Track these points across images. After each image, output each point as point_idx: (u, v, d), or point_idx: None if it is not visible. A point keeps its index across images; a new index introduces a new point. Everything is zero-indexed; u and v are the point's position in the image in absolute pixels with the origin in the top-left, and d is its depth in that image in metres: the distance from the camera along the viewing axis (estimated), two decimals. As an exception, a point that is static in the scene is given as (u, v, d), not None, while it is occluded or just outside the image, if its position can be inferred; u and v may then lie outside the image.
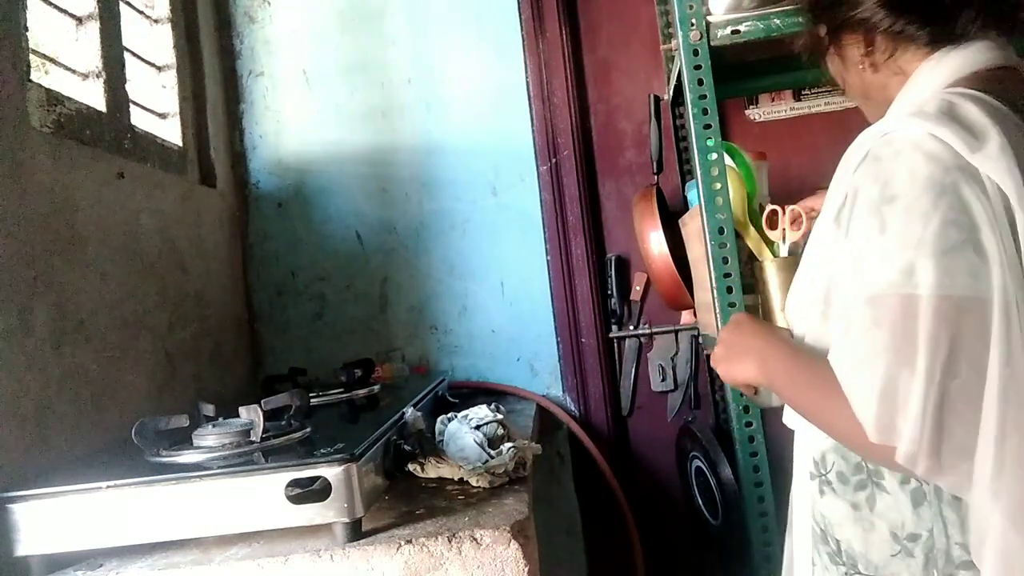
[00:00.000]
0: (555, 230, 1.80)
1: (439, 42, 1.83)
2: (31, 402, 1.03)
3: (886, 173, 0.74)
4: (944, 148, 0.73)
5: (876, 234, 0.73)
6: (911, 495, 0.80)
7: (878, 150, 0.76)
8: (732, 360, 0.90)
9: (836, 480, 0.85)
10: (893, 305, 0.70)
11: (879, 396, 0.70)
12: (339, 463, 0.86)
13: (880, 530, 0.81)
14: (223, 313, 1.70)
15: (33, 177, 1.09)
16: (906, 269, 0.70)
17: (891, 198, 0.73)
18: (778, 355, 0.86)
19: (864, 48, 0.89)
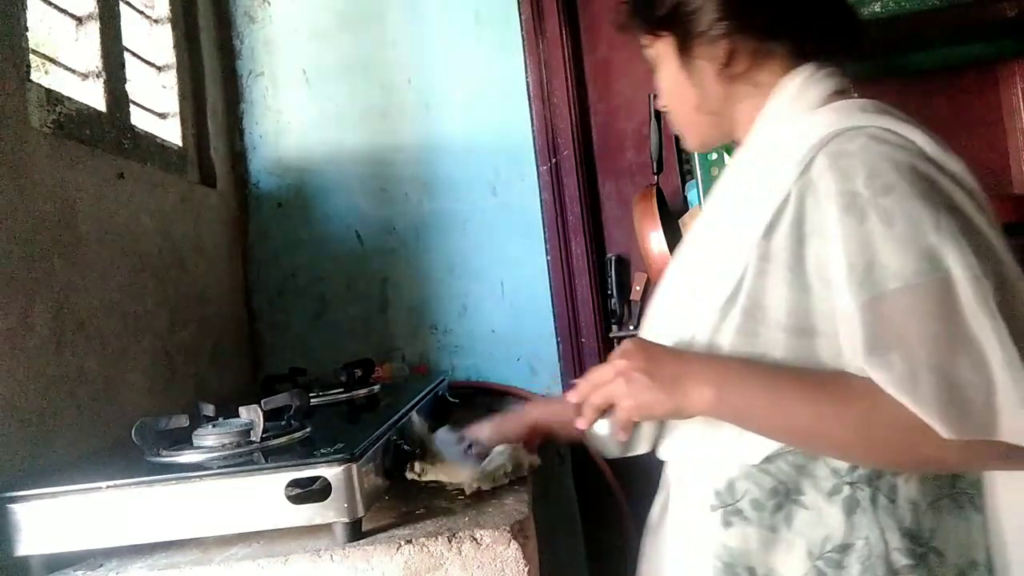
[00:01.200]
0: (555, 230, 1.80)
1: (439, 42, 1.83)
2: (31, 402, 1.03)
3: (863, 168, 0.74)
4: (907, 141, 0.76)
5: (883, 227, 0.71)
6: (843, 504, 0.78)
7: (836, 149, 0.76)
8: (662, 388, 0.78)
9: (749, 508, 0.80)
10: (931, 293, 0.69)
11: (950, 388, 0.66)
12: (339, 463, 0.86)
13: (797, 549, 0.79)
14: (223, 313, 1.70)
15: (33, 177, 1.09)
16: (930, 256, 0.69)
17: (886, 188, 0.72)
18: (743, 374, 0.77)
19: (724, 60, 0.86)
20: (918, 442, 0.68)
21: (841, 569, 0.77)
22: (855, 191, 0.73)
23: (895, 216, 0.71)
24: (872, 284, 0.71)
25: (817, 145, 0.77)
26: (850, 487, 0.78)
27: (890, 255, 0.70)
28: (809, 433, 0.75)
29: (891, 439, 0.70)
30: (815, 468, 0.79)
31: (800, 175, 0.77)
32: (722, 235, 0.85)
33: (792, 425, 0.76)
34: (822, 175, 0.76)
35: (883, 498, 0.77)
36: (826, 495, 0.78)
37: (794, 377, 0.76)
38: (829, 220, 0.74)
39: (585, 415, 0.83)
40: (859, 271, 0.71)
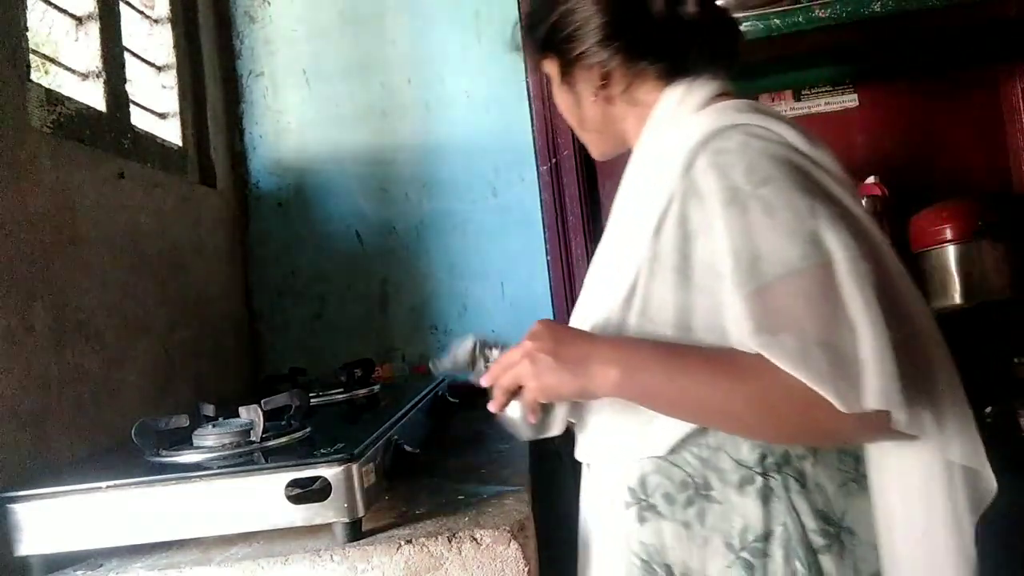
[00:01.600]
0: (555, 230, 1.79)
1: (439, 42, 1.83)
2: (31, 402, 1.03)
3: (742, 162, 0.77)
4: (779, 136, 0.81)
5: (765, 217, 0.75)
6: (758, 494, 0.80)
7: (716, 147, 0.80)
8: (568, 369, 0.79)
9: (662, 502, 0.83)
10: (813, 277, 0.72)
11: (838, 364, 0.69)
12: (339, 463, 0.86)
13: (713, 544, 0.81)
14: (223, 313, 1.70)
15: (33, 177, 1.09)
16: (812, 241, 0.73)
17: (764, 180, 0.76)
18: (648, 355, 0.79)
19: (599, 82, 0.91)
20: (815, 415, 0.70)
21: (766, 557, 0.80)
22: (735, 185, 0.76)
23: (775, 206, 0.75)
24: (760, 273, 0.73)
25: (697, 146, 0.81)
26: (762, 477, 0.80)
27: (774, 243, 0.74)
28: (711, 410, 0.78)
29: (790, 414, 0.73)
30: (719, 460, 0.82)
31: (682, 176, 0.81)
32: (620, 236, 0.89)
33: (694, 402, 0.78)
34: (703, 174, 0.79)
35: (794, 484, 0.80)
36: (736, 487, 0.81)
37: (695, 356, 0.78)
38: (712, 216, 0.77)
39: (496, 398, 0.85)
40: (745, 261, 0.74)
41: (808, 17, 1.34)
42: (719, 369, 0.76)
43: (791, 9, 1.35)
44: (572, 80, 0.94)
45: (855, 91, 1.89)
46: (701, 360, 0.78)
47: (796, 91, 1.91)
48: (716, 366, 0.77)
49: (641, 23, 0.88)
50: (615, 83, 0.91)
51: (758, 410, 0.75)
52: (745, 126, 0.82)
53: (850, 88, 1.89)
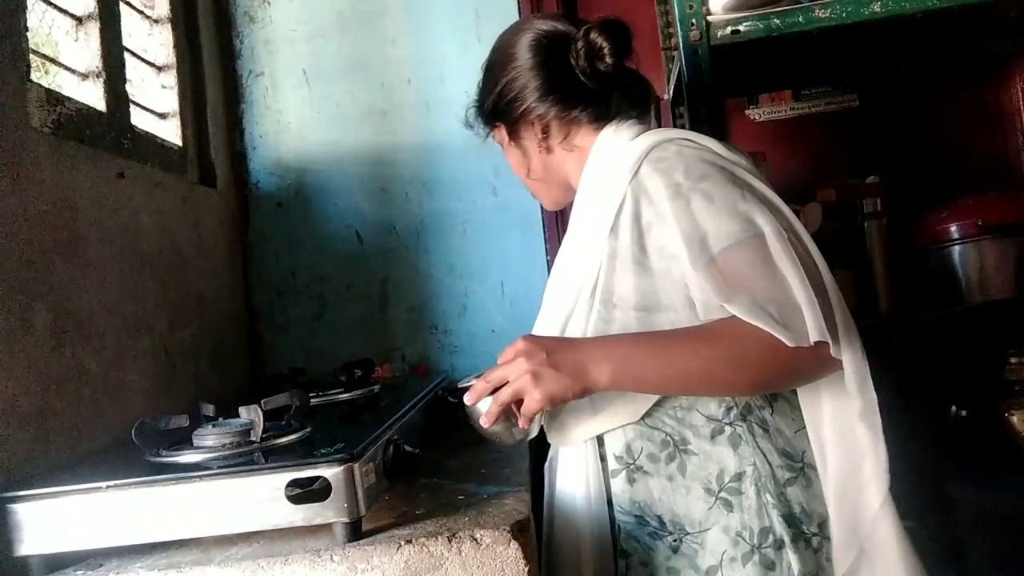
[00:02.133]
0: (555, 230, 1.80)
1: (439, 42, 1.83)
2: (31, 402, 1.03)
3: (680, 165, 0.95)
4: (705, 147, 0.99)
5: (706, 204, 0.91)
6: (729, 441, 0.96)
7: (656, 156, 0.97)
8: (567, 375, 0.89)
9: (647, 462, 0.97)
10: (752, 246, 0.89)
11: (782, 311, 0.85)
12: (339, 463, 0.86)
13: (695, 491, 0.96)
14: (223, 313, 1.70)
15: (33, 177, 1.09)
16: (746, 219, 0.90)
17: (701, 176, 0.93)
18: (633, 345, 0.91)
19: (540, 134, 1.09)
20: (779, 358, 0.86)
21: (740, 495, 0.95)
22: (678, 182, 0.93)
23: (713, 195, 0.92)
24: (708, 247, 0.89)
25: (640, 156, 0.98)
26: (730, 426, 0.96)
27: (716, 224, 0.90)
28: (696, 377, 0.91)
29: (760, 362, 0.87)
30: (692, 418, 0.97)
31: (631, 180, 0.97)
32: (577, 245, 1.05)
33: (681, 375, 0.90)
34: (648, 178, 0.96)
35: (758, 428, 0.97)
36: (708, 439, 0.97)
37: (674, 335, 0.92)
38: (662, 208, 0.93)
39: (491, 413, 0.94)
40: (695, 241, 0.90)
41: (808, 17, 1.34)
42: (695, 340, 0.90)
43: (791, 9, 1.35)
44: (518, 137, 1.11)
45: (855, 91, 1.90)
46: (679, 337, 0.91)
47: (796, 91, 1.92)
48: (691, 338, 0.90)
49: (569, 79, 1.04)
50: (554, 134, 1.08)
51: (735, 365, 0.88)
52: (677, 140, 1.00)
53: (850, 88, 1.90)
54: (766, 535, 0.93)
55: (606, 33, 1.03)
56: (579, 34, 1.04)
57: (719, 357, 0.88)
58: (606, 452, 1.00)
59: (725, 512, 0.95)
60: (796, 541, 0.93)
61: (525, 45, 1.08)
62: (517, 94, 1.08)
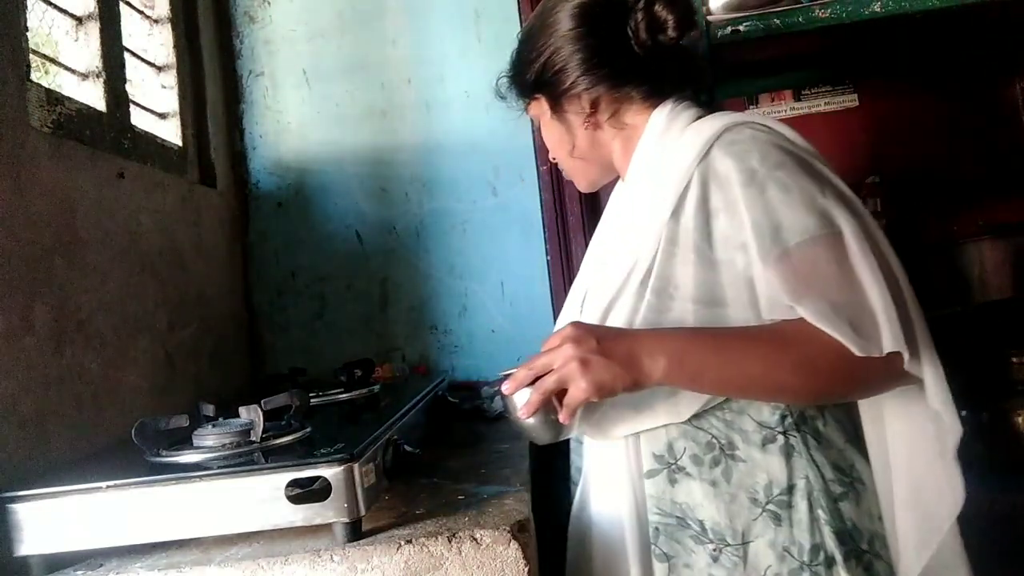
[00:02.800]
0: (555, 230, 1.80)
1: (439, 42, 1.83)
2: (31, 402, 1.03)
3: (756, 150, 0.88)
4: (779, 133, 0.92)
5: (782, 194, 0.85)
6: (781, 451, 0.90)
7: (729, 139, 0.90)
8: (619, 365, 0.82)
9: (690, 463, 0.91)
10: (829, 244, 0.83)
11: (854, 318, 0.80)
12: (339, 463, 0.86)
13: (739, 500, 0.90)
14: (223, 313, 1.70)
15: (33, 177, 1.09)
16: (824, 215, 0.84)
17: (778, 164, 0.87)
18: (692, 340, 0.85)
19: (588, 110, 1.00)
20: (848, 366, 0.80)
21: (790, 508, 0.89)
22: (753, 168, 0.87)
23: (789, 186, 0.85)
24: (782, 240, 0.84)
25: (710, 138, 0.91)
26: (783, 435, 0.90)
27: (792, 216, 0.84)
28: (759, 382, 0.85)
29: (829, 370, 0.82)
30: (742, 423, 0.91)
31: (699, 162, 0.90)
32: (628, 228, 0.98)
33: (745, 377, 0.85)
34: (721, 160, 0.89)
35: (812, 440, 0.90)
36: (759, 446, 0.90)
37: (737, 334, 0.86)
38: (733, 195, 0.87)
39: (532, 402, 0.85)
40: (767, 232, 0.84)
41: (808, 17, 1.34)
42: (760, 341, 0.84)
43: (791, 9, 1.35)
44: (561, 111, 1.03)
45: (855, 91, 1.90)
46: (742, 337, 0.85)
47: (796, 91, 1.92)
48: (756, 339, 0.84)
49: (623, 51, 0.97)
50: (603, 109, 1.00)
51: (802, 371, 0.83)
52: (751, 123, 0.93)
53: (850, 88, 1.90)
54: (817, 552, 0.88)
55: (671, 5, 0.96)
56: (640, 4, 0.96)
57: (785, 362, 0.83)
58: (642, 451, 0.93)
59: (772, 525, 0.89)
60: (848, 559, 0.88)
61: (574, 12, 0.99)
62: (564, 65, 0.99)
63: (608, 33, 0.98)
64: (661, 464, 0.92)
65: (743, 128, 0.92)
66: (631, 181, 1.01)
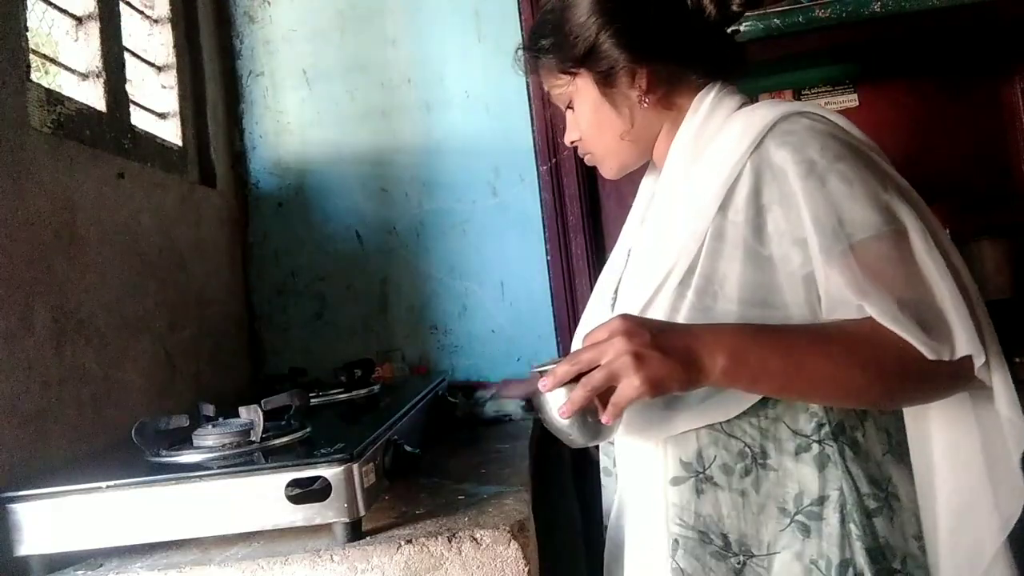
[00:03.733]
0: (555, 230, 1.80)
1: (439, 42, 1.83)
2: (31, 402, 1.03)
3: (815, 141, 0.84)
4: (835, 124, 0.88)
5: (844, 187, 0.81)
6: (815, 461, 0.85)
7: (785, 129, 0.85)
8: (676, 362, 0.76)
9: (719, 473, 0.86)
10: (894, 241, 0.79)
11: (924, 319, 0.76)
12: (339, 463, 0.86)
13: (768, 510, 0.85)
14: (223, 313, 1.70)
15: (33, 177, 1.09)
16: (887, 210, 0.81)
17: (838, 156, 0.83)
18: (754, 337, 0.79)
19: (646, 87, 0.93)
20: (918, 369, 0.76)
21: (821, 520, 0.84)
22: (812, 159, 0.82)
23: (852, 179, 0.81)
24: (845, 235, 0.79)
25: (764, 128, 0.85)
26: (818, 444, 0.85)
27: (855, 210, 0.80)
28: (829, 382, 0.79)
29: (898, 372, 0.77)
30: (777, 430, 0.86)
31: (751, 153, 0.84)
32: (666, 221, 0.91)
33: (809, 377, 0.79)
34: (776, 151, 0.84)
35: (849, 451, 0.85)
36: (791, 455, 0.85)
37: (800, 332, 0.80)
38: (790, 187, 0.82)
39: (576, 399, 0.78)
40: (829, 227, 0.79)
41: (808, 17, 1.35)
42: (826, 339, 0.79)
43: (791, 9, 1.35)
44: (611, 87, 0.95)
45: (855, 91, 1.90)
46: (807, 335, 0.80)
47: (796, 91, 1.91)
48: (824, 338, 0.79)
49: (684, 25, 0.92)
50: (658, 87, 0.94)
51: (871, 375, 0.78)
52: (807, 113, 0.88)
53: (850, 88, 1.90)
54: (846, 568, 0.82)
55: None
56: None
57: (852, 362, 0.78)
58: (668, 456, 0.88)
59: (800, 537, 0.84)
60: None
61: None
62: (621, 37, 0.91)
63: (670, 3, 0.92)
64: (688, 472, 0.86)
65: (799, 118, 0.86)
66: (670, 168, 0.94)
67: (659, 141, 0.97)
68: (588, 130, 1.00)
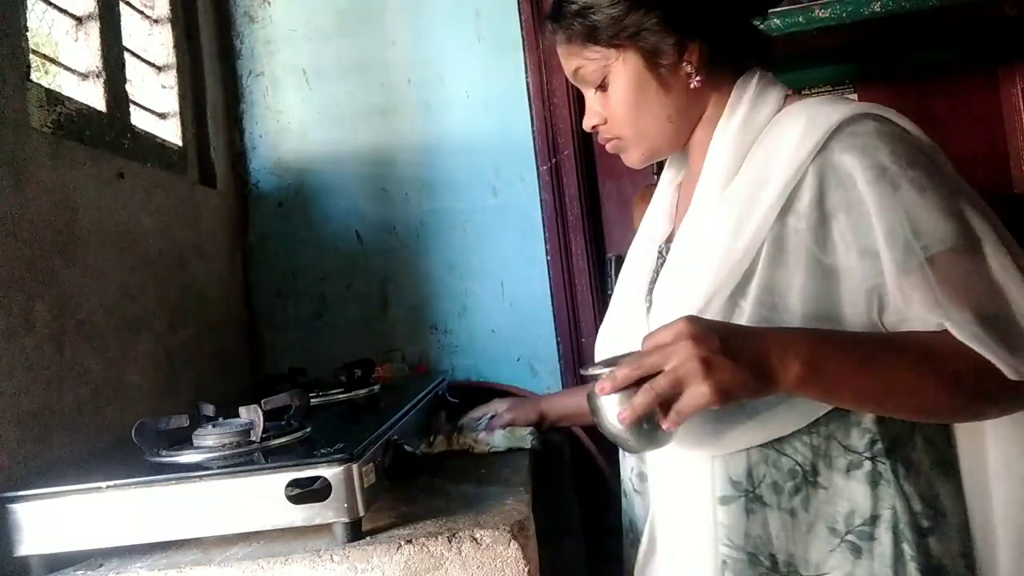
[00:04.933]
0: (555, 230, 1.80)
1: (439, 42, 1.83)
2: (31, 402, 1.03)
3: (884, 145, 0.79)
4: (901, 127, 0.84)
5: (918, 195, 0.77)
6: (867, 478, 0.81)
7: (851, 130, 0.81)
8: (747, 368, 0.72)
9: (769, 492, 0.82)
10: (970, 254, 0.76)
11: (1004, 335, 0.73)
12: (339, 463, 0.86)
13: (817, 529, 0.82)
14: (223, 313, 1.70)
15: (33, 177, 1.09)
16: (962, 220, 0.77)
17: (911, 162, 0.78)
18: (831, 344, 0.75)
19: (696, 65, 0.89)
20: (996, 387, 0.73)
21: (872, 540, 0.80)
22: (883, 165, 0.78)
23: (926, 186, 0.77)
24: (921, 248, 0.75)
25: (828, 130, 0.81)
26: (870, 461, 0.81)
27: (930, 220, 0.76)
28: (903, 395, 0.76)
29: (974, 387, 0.74)
30: (830, 447, 0.82)
31: (815, 156, 0.80)
32: (715, 227, 0.85)
33: (886, 389, 0.76)
34: (841, 154, 0.79)
35: (902, 468, 0.81)
36: (842, 472, 0.81)
37: (878, 340, 0.77)
38: (859, 194, 0.78)
39: (638, 405, 0.73)
40: (902, 238, 0.76)
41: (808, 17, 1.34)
42: (908, 352, 0.76)
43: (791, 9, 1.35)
44: (657, 64, 0.89)
45: (855, 91, 1.89)
46: (886, 344, 0.77)
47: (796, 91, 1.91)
48: (904, 349, 0.76)
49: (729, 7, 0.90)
50: (704, 67, 0.89)
51: (951, 388, 0.75)
52: (873, 114, 0.83)
53: (850, 88, 1.89)
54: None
55: None
56: None
57: (934, 375, 0.74)
58: (717, 474, 0.84)
59: (851, 557, 0.80)
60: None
61: None
62: (670, 10, 0.87)
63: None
64: (738, 491, 0.83)
65: (866, 120, 0.82)
66: (714, 161, 0.88)
67: (701, 124, 0.92)
68: (624, 111, 0.92)
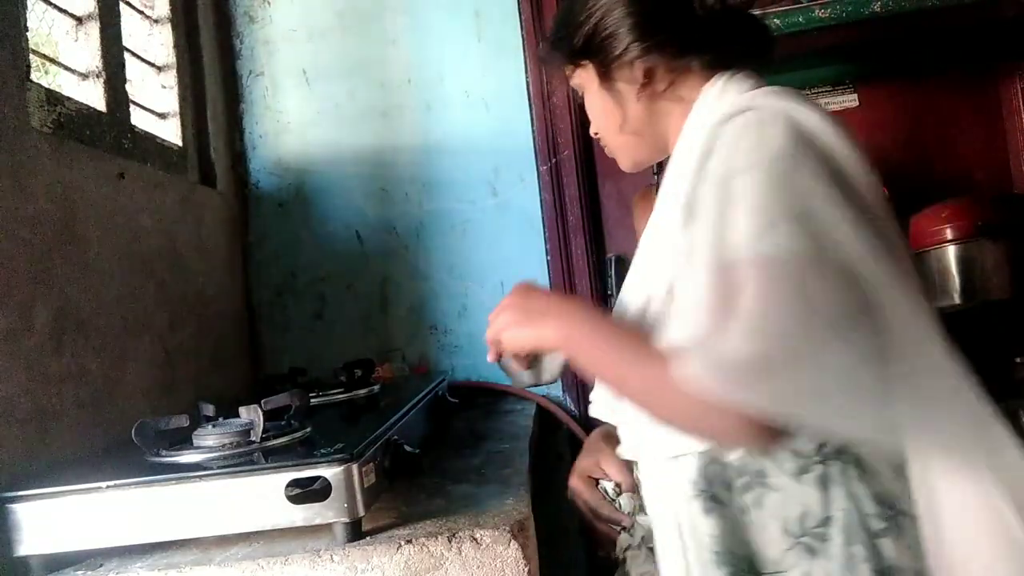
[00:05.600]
0: (555, 230, 1.80)
1: (439, 42, 1.83)
2: (31, 402, 1.03)
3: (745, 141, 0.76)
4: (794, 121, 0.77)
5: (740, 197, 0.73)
6: (817, 481, 0.81)
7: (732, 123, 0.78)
8: (529, 321, 0.85)
9: (722, 490, 0.83)
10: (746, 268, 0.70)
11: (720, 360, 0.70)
12: (339, 463, 0.86)
13: (771, 530, 0.82)
14: (223, 313, 1.70)
15: (33, 177, 1.09)
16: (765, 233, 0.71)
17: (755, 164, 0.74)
18: (596, 325, 0.82)
19: (641, 79, 0.90)
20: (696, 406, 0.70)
21: (826, 541, 0.80)
22: (732, 164, 0.75)
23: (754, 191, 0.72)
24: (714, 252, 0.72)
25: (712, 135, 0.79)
26: (820, 465, 0.81)
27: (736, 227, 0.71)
28: (627, 388, 0.80)
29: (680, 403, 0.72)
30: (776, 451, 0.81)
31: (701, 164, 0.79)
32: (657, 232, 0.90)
33: (615, 378, 0.81)
34: (716, 152, 0.78)
35: (852, 469, 0.81)
36: (793, 475, 0.82)
37: (630, 337, 0.80)
38: (706, 189, 0.76)
39: (491, 351, 0.92)
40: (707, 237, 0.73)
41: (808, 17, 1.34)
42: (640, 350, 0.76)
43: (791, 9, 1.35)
44: (610, 80, 0.93)
45: (855, 91, 1.89)
46: (633, 340, 0.79)
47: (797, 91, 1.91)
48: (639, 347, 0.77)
49: (683, 14, 0.89)
50: (659, 79, 0.90)
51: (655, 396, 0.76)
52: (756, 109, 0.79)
53: (850, 88, 1.89)
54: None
55: None
56: None
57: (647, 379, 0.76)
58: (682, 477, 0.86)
59: (808, 557, 0.81)
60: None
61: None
62: (615, 29, 0.89)
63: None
64: (695, 490, 0.85)
65: (739, 116, 0.79)
66: (670, 167, 0.90)
67: (672, 134, 0.93)
68: (596, 123, 1.01)
